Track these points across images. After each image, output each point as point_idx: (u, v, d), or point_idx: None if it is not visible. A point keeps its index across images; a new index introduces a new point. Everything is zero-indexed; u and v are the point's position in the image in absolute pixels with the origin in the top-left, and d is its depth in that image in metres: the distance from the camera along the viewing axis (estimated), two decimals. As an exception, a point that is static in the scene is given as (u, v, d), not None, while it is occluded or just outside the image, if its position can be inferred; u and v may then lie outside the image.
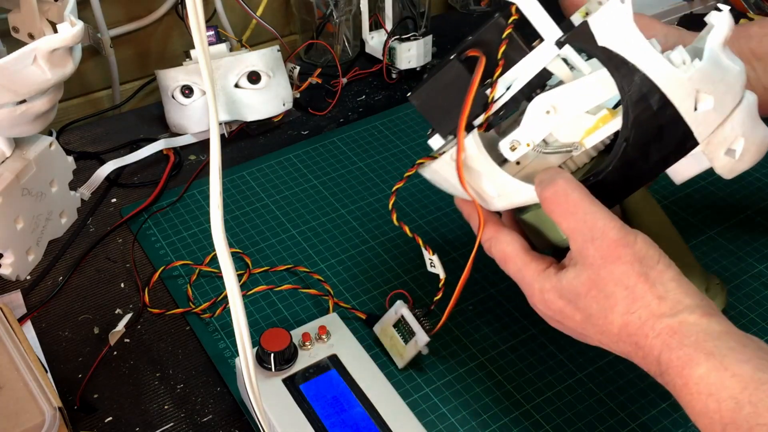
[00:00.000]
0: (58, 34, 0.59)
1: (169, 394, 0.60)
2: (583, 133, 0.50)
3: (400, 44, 0.94)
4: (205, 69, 0.38)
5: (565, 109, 0.49)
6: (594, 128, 0.49)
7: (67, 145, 0.87)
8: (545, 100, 0.49)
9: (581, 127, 0.50)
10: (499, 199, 0.51)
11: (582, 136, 0.50)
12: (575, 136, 0.50)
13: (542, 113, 0.49)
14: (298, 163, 0.84)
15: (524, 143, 0.50)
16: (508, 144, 0.50)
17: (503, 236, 0.51)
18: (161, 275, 0.69)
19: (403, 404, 0.53)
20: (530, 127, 0.50)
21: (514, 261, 0.51)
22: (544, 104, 0.49)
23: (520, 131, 0.50)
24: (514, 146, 0.50)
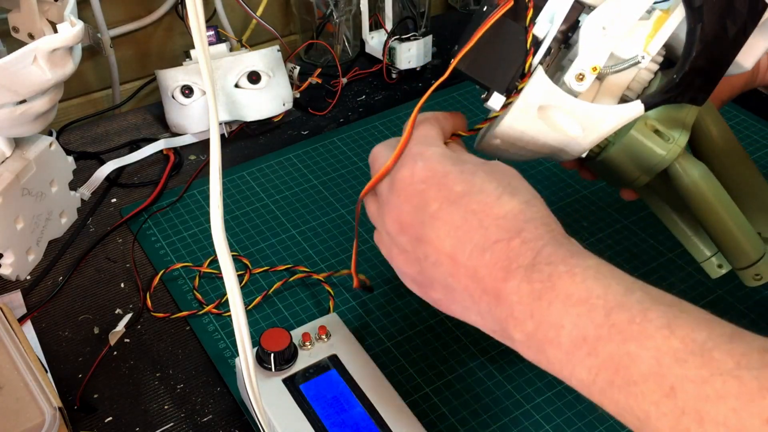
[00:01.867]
0: (58, 34, 0.59)
1: (169, 394, 0.60)
2: (644, 40, 0.48)
3: (400, 44, 0.94)
4: (205, 69, 0.38)
5: (618, 21, 0.47)
6: (653, 32, 0.48)
7: (67, 145, 0.87)
8: (596, 19, 0.47)
9: (640, 36, 0.48)
10: (586, 135, 0.49)
11: (644, 45, 0.48)
12: (637, 47, 0.48)
13: (598, 32, 0.47)
14: (298, 163, 0.84)
15: (590, 69, 0.48)
16: (573, 76, 0.48)
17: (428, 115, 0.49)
18: (162, 278, 0.69)
19: (403, 404, 0.53)
20: (590, 51, 0.48)
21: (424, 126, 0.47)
22: (597, 23, 0.47)
23: (582, 58, 0.48)
24: (581, 76, 0.48)
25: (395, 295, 0.68)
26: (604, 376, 0.36)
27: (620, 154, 0.51)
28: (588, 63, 0.48)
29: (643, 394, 0.34)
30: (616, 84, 0.50)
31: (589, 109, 0.48)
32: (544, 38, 0.48)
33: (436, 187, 0.43)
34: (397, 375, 0.61)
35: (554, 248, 0.40)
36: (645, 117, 0.50)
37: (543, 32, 0.48)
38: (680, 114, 0.51)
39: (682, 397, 0.33)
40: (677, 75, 0.47)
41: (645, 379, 0.34)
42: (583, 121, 0.49)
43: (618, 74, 0.49)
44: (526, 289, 0.39)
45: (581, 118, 0.49)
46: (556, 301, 0.38)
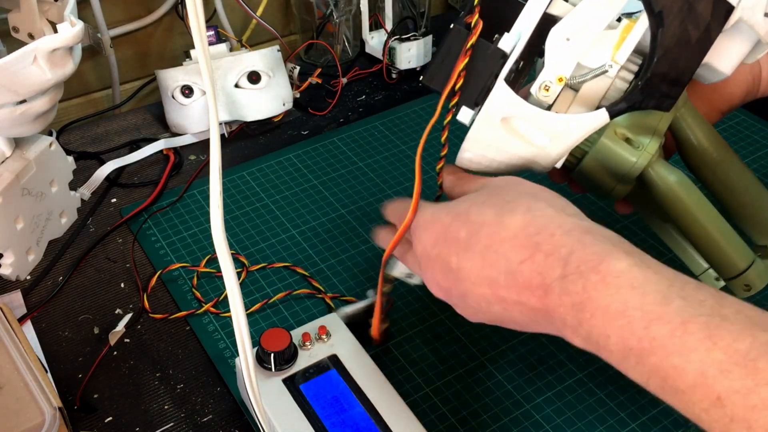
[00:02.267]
0: (58, 34, 0.59)
1: (169, 394, 0.60)
2: (612, 50, 0.48)
3: (400, 44, 0.94)
4: (205, 69, 0.38)
5: (582, 31, 0.47)
6: (621, 41, 0.48)
7: (67, 145, 0.87)
8: (560, 30, 0.47)
9: (607, 45, 0.48)
10: (554, 145, 0.49)
11: (612, 54, 0.48)
12: (605, 56, 0.48)
13: (562, 43, 0.47)
14: (298, 163, 0.84)
15: (555, 79, 0.48)
16: (539, 87, 0.49)
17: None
18: (161, 278, 0.69)
19: (403, 404, 0.53)
20: (555, 61, 0.48)
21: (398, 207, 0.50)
22: (561, 34, 0.47)
23: (547, 69, 0.48)
24: (547, 86, 0.48)
25: (395, 295, 0.68)
26: (654, 382, 0.37)
27: (594, 162, 0.51)
28: (553, 73, 0.48)
29: (693, 402, 0.35)
30: (590, 94, 0.49)
31: (552, 119, 0.48)
32: (512, 52, 0.48)
33: (446, 244, 0.44)
34: (397, 375, 0.61)
35: (580, 254, 0.39)
36: (614, 125, 0.50)
37: (510, 46, 0.48)
38: (650, 120, 0.51)
39: (730, 407, 0.34)
40: (640, 81, 0.47)
41: (692, 389, 0.35)
42: (548, 131, 0.48)
43: (591, 84, 0.49)
44: (568, 301, 0.39)
45: (546, 129, 0.48)
46: (597, 313, 0.38)
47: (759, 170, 0.81)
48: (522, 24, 0.48)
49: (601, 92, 0.49)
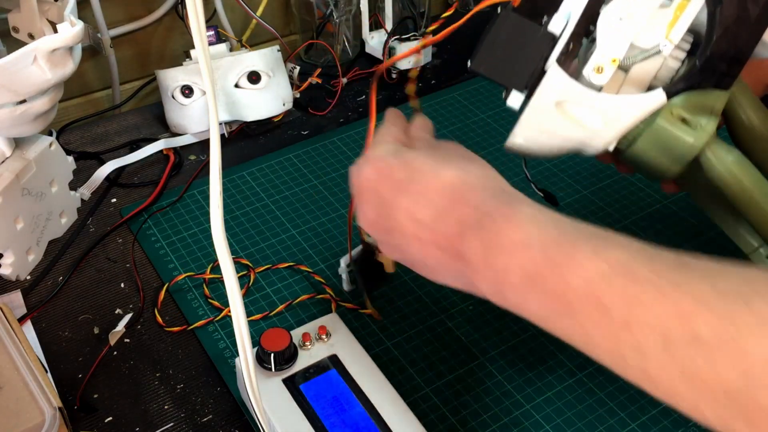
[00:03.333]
0: (58, 34, 0.59)
1: (169, 394, 0.60)
2: (666, 28, 0.47)
3: (400, 44, 0.94)
4: (205, 69, 0.38)
5: (637, 10, 0.46)
6: (675, 19, 0.47)
7: (67, 145, 0.87)
8: (613, 10, 0.47)
9: (661, 24, 0.47)
10: (608, 128, 0.48)
11: (666, 33, 0.47)
12: (659, 35, 0.47)
13: (615, 22, 0.46)
14: (298, 163, 0.84)
15: (609, 61, 0.47)
16: (592, 68, 0.48)
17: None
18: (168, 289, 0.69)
19: (403, 404, 0.53)
20: (609, 42, 0.47)
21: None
22: (614, 13, 0.46)
23: (600, 50, 0.47)
24: (600, 68, 0.47)
25: (395, 295, 0.68)
26: (551, 307, 0.39)
27: (648, 145, 0.49)
28: (607, 55, 0.47)
29: (584, 318, 0.38)
30: (642, 74, 0.48)
31: (608, 101, 0.47)
32: (561, 34, 0.47)
33: (384, 181, 0.47)
34: (397, 375, 0.61)
35: (495, 204, 0.43)
36: (671, 105, 0.48)
37: (559, 28, 0.47)
38: (708, 100, 0.49)
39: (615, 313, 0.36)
40: (699, 60, 0.46)
41: (581, 303, 0.38)
42: (603, 113, 0.48)
43: (643, 64, 0.48)
44: (478, 245, 0.42)
45: (601, 111, 0.48)
46: (503, 249, 0.41)
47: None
48: (571, 3, 0.47)
49: (653, 72, 0.48)
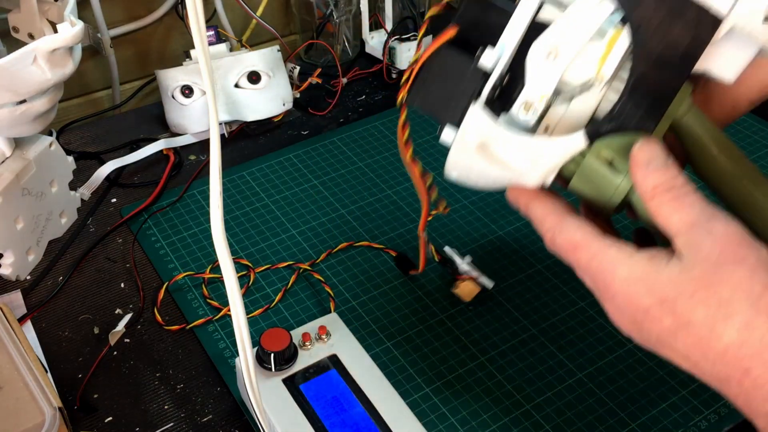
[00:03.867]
0: (58, 34, 0.59)
1: (169, 394, 0.60)
2: (597, 63, 0.44)
3: (400, 44, 0.94)
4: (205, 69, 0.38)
5: (566, 46, 0.43)
6: (606, 53, 0.43)
7: (67, 145, 0.87)
8: (541, 45, 0.44)
9: (593, 59, 0.44)
10: (534, 169, 0.45)
11: (598, 68, 0.44)
12: (590, 70, 0.44)
13: (543, 60, 0.44)
14: (298, 163, 0.84)
15: (537, 99, 0.44)
16: (520, 107, 0.45)
17: (569, 221, 0.43)
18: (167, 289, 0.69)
19: (403, 404, 0.53)
20: (537, 80, 0.44)
21: (586, 247, 0.42)
22: (542, 49, 0.44)
23: (528, 88, 0.44)
24: (528, 105, 0.45)
25: (395, 295, 0.68)
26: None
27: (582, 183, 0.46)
28: (535, 92, 0.44)
29: None
30: (580, 110, 0.45)
31: (528, 144, 0.44)
32: (494, 69, 0.44)
33: (647, 321, 0.40)
34: (397, 375, 0.61)
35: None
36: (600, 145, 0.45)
37: (491, 63, 0.44)
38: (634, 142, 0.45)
39: None
40: (618, 101, 0.43)
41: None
42: (526, 156, 0.45)
43: (579, 101, 0.45)
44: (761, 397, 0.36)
45: (524, 154, 0.45)
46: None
47: (759, 170, 0.81)
48: (507, 36, 0.44)
49: (591, 108, 0.45)
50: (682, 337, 0.38)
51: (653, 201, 0.41)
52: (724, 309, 0.37)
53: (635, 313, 0.40)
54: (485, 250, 0.72)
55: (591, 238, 0.42)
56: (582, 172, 0.45)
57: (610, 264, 0.40)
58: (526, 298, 0.67)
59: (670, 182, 0.41)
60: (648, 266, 0.39)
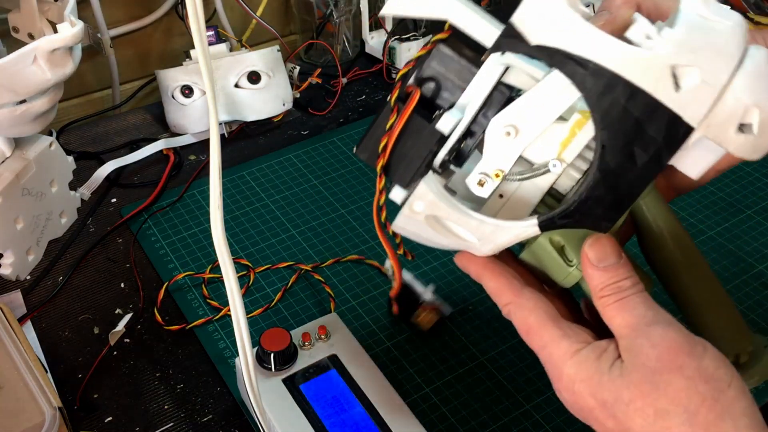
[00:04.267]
0: (58, 34, 0.59)
1: (169, 394, 0.60)
2: (559, 146, 0.41)
3: (400, 44, 0.95)
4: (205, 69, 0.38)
5: (527, 126, 0.41)
6: (570, 137, 0.41)
7: (67, 145, 0.87)
8: (501, 121, 0.41)
9: (555, 140, 0.41)
10: (483, 244, 0.43)
11: (559, 151, 0.41)
12: (550, 152, 0.42)
13: (502, 138, 0.41)
14: (298, 163, 0.84)
15: (492, 174, 0.42)
16: (475, 180, 0.43)
17: (525, 301, 0.42)
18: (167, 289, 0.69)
19: (403, 404, 0.53)
20: (494, 156, 0.42)
21: (539, 335, 0.41)
22: (501, 126, 0.41)
23: (484, 162, 0.42)
24: (482, 181, 0.42)
25: (395, 295, 0.68)
26: None
27: (533, 259, 0.45)
28: (491, 167, 0.42)
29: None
30: (534, 188, 0.43)
31: (478, 224, 0.42)
32: (450, 134, 0.42)
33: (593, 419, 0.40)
34: (397, 375, 0.61)
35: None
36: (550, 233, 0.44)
37: (449, 127, 0.41)
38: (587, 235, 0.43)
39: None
40: (573, 202, 0.41)
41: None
42: (476, 233, 0.43)
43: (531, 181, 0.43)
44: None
45: (473, 231, 0.43)
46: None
47: (759, 170, 0.81)
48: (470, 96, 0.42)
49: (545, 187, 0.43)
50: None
51: (600, 300, 0.41)
52: (661, 421, 0.36)
53: (581, 410, 0.40)
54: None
55: (543, 324, 0.41)
56: (533, 251, 0.45)
57: (559, 359, 0.40)
58: (526, 298, 0.67)
59: (616, 284, 0.40)
60: (593, 366, 0.39)
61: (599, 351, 0.39)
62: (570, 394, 0.40)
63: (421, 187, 0.42)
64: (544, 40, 0.38)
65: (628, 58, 0.37)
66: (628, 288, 0.40)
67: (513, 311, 0.43)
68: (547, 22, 0.38)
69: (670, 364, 0.37)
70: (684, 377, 0.36)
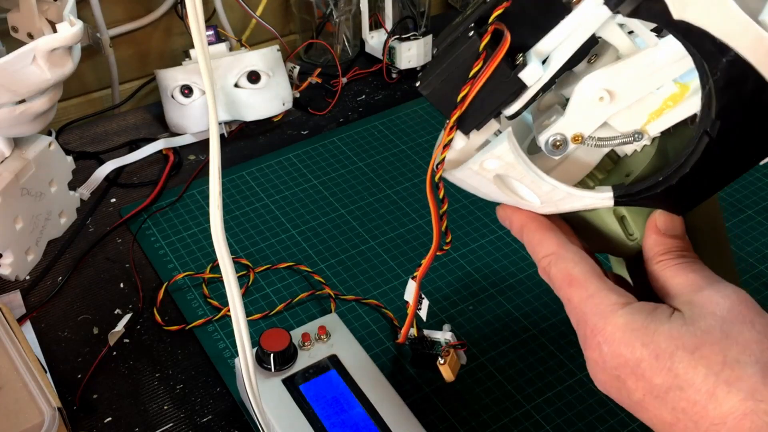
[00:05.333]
0: (58, 34, 0.59)
1: (169, 394, 0.60)
2: (647, 117, 0.38)
3: (400, 44, 0.94)
4: (205, 69, 0.37)
5: (624, 94, 0.38)
6: (661, 110, 0.38)
7: (66, 144, 0.87)
8: (597, 83, 0.37)
9: (643, 110, 0.38)
10: (544, 207, 0.41)
11: (645, 121, 0.38)
12: (636, 121, 0.39)
13: (593, 101, 0.38)
14: (298, 163, 0.84)
15: (570, 137, 0.39)
16: (549, 139, 0.39)
17: (569, 253, 0.40)
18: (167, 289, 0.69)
19: (403, 404, 0.53)
20: (578, 118, 0.39)
21: (584, 286, 0.38)
22: (596, 89, 0.37)
23: (565, 122, 0.39)
24: (557, 143, 0.39)
25: (395, 295, 0.68)
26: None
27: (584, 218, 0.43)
28: (571, 129, 0.39)
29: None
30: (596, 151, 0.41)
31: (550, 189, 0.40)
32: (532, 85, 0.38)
33: (633, 377, 0.36)
34: (397, 375, 0.61)
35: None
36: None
37: (533, 78, 0.37)
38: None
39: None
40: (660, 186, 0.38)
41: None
42: (543, 196, 0.41)
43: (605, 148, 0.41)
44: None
45: (542, 194, 0.41)
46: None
47: (759, 170, 0.81)
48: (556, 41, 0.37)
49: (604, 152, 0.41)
50: (672, 400, 0.34)
51: (659, 263, 0.39)
52: (729, 371, 0.33)
53: (622, 366, 0.36)
54: (484, 250, 0.72)
55: (590, 276, 0.39)
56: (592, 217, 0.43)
57: (608, 307, 0.37)
58: (526, 298, 0.67)
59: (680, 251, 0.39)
60: (648, 317, 0.36)
61: (652, 307, 0.36)
62: (613, 346, 0.36)
63: (502, 146, 0.39)
64: (690, 16, 0.34)
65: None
66: (690, 256, 0.39)
67: (554, 261, 0.40)
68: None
69: (742, 317, 0.34)
70: (757, 330, 0.34)
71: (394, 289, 0.68)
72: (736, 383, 0.33)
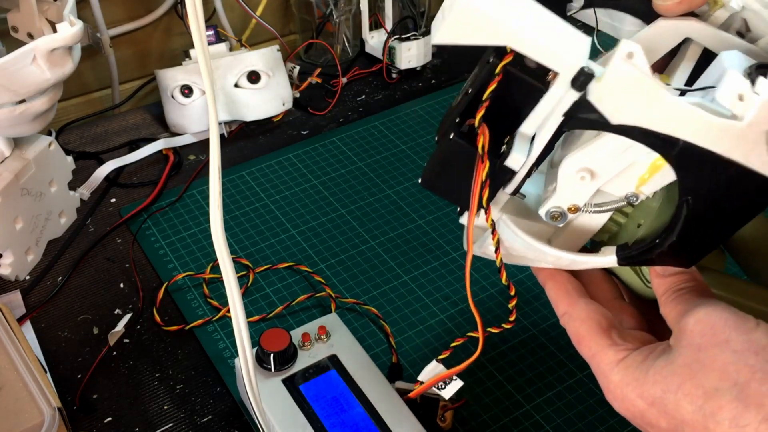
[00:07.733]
0: (58, 34, 0.59)
1: (169, 395, 0.60)
2: (637, 180, 0.39)
3: (400, 44, 0.94)
4: (205, 69, 0.37)
5: (602, 172, 0.39)
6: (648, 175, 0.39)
7: (66, 144, 0.87)
8: (575, 164, 0.39)
9: (632, 175, 0.39)
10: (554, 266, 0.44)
11: (636, 185, 0.39)
12: (628, 186, 0.40)
13: (576, 180, 0.39)
14: (298, 163, 0.84)
15: (566, 209, 0.41)
16: (548, 214, 0.41)
17: (577, 311, 0.42)
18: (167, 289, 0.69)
19: (403, 404, 0.53)
20: (567, 194, 0.40)
21: (588, 345, 0.41)
22: (576, 169, 0.39)
23: (558, 198, 0.40)
24: (555, 215, 0.41)
25: (395, 295, 0.68)
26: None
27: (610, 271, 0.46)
28: (566, 201, 0.40)
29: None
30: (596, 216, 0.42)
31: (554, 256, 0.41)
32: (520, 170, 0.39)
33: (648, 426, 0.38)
34: (397, 375, 0.61)
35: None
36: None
37: (518, 164, 0.38)
38: None
39: None
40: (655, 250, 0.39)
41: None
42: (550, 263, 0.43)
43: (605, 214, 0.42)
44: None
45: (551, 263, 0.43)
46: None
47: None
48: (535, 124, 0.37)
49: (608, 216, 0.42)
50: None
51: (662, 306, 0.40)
52: (712, 402, 0.34)
53: (636, 417, 0.38)
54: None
55: (593, 334, 0.41)
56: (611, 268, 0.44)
57: (606, 366, 0.39)
58: (526, 298, 0.67)
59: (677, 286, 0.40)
60: (638, 368, 0.38)
61: (647, 353, 0.38)
62: (620, 401, 0.39)
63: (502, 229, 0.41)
64: (627, 119, 0.35)
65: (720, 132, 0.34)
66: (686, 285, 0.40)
67: (567, 321, 0.42)
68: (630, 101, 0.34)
69: (715, 338, 0.35)
70: (731, 351, 0.34)
71: (394, 289, 0.68)
72: (719, 413, 0.34)
